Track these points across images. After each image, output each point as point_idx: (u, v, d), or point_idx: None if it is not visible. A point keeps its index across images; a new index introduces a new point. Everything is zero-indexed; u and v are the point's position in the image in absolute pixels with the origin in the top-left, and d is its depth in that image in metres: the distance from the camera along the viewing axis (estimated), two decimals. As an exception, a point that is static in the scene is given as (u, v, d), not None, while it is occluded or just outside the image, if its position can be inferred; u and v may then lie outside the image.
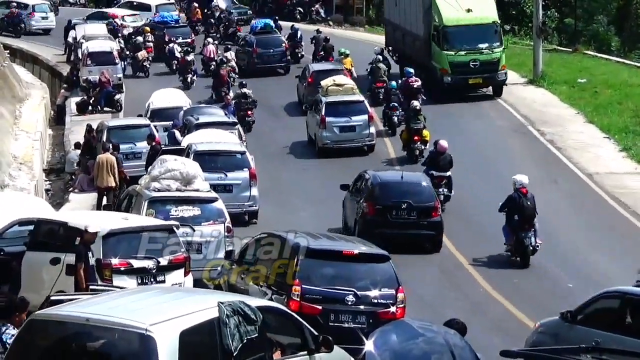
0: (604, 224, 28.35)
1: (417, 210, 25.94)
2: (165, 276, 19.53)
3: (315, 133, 36.17)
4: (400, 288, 18.30)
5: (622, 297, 16.87)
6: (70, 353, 11.86)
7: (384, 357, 12.78)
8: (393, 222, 25.84)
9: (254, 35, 51.03)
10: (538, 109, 41.50)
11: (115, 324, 11.70)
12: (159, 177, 23.67)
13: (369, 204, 25.90)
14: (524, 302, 22.28)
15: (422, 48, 43.87)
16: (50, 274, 19.21)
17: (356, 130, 35.64)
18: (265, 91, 43.78)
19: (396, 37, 48.64)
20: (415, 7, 45.31)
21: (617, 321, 16.46)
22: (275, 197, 30.44)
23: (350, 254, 18.34)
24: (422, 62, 43.05)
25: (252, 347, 12.44)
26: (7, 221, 20.59)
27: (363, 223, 25.80)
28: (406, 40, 46.70)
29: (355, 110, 35.95)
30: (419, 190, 26.52)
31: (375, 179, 26.66)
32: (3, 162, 33.88)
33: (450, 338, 13.40)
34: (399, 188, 26.61)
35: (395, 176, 27.74)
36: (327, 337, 13.72)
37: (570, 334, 16.86)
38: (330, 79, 38.09)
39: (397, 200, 26.05)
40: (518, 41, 63.99)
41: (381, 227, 25.31)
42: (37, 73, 54.83)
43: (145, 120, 35.49)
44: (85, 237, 18.52)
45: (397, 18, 48.32)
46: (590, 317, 16.88)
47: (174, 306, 12.42)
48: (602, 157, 35.45)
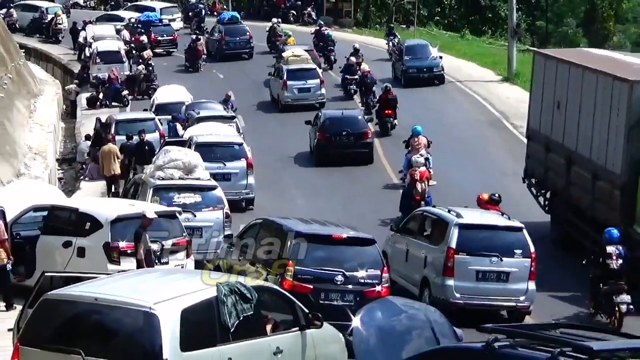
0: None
1: (354, 136, 33.15)
2: (168, 258, 19.52)
3: (278, 94, 41.41)
4: (385, 269, 18.34)
5: (421, 214, 21.50)
6: (80, 329, 11.85)
7: (370, 332, 12.81)
8: (337, 144, 33.05)
9: (222, 25, 53.53)
10: (512, 104, 41.50)
11: (121, 302, 11.70)
12: (163, 166, 23.70)
13: (321, 133, 33.29)
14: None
15: (616, 198, 22.33)
16: (62, 256, 19.22)
17: (311, 91, 40.88)
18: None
19: (552, 165, 25.85)
20: (607, 119, 23.00)
21: (419, 230, 20.97)
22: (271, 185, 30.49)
23: (339, 238, 18.35)
24: (611, 221, 21.67)
25: (248, 323, 12.46)
26: (22, 207, 20.55)
27: (317, 146, 33.37)
28: (577, 176, 24.26)
29: (310, 76, 41.07)
30: (354, 122, 33.71)
31: (325, 116, 34.05)
32: (19, 153, 33.85)
33: (430, 315, 13.45)
34: (341, 121, 33.60)
35: (338, 113, 34.89)
36: (317, 314, 13.72)
37: (396, 239, 21.55)
38: (290, 51, 43.75)
39: (339, 129, 33.14)
40: (494, 42, 64.08)
41: (329, 149, 33.04)
42: (50, 70, 54.70)
43: (150, 114, 35.50)
44: (144, 222, 18.69)
45: (559, 132, 25.50)
46: (405, 229, 21.50)
47: (175, 286, 12.43)
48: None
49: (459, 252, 19.52)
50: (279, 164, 33.28)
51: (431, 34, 63.59)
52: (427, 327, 13.06)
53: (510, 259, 19.68)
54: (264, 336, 12.86)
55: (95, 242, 19.09)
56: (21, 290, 18.83)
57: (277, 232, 18.67)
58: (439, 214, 20.65)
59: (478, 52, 56.08)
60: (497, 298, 19.70)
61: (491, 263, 19.63)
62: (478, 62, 50.87)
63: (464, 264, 19.54)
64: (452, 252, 19.48)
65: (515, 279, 19.65)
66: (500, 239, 20.02)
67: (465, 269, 19.55)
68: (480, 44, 62.67)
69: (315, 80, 40.93)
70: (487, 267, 19.64)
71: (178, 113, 34.92)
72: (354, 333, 12.80)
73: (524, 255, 19.73)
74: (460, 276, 19.51)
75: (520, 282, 19.66)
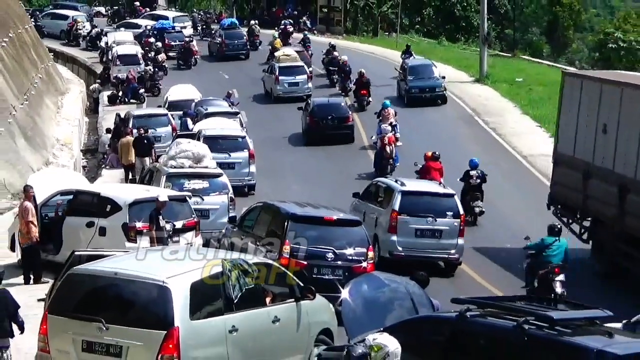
0: (535, 195, 28.27)
1: (338, 119, 34.62)
2: (179, 237, 19.49)
3: (271, 87, 42.45)
4: (370, 247, 18.33)
5: (375, 184, 22.96)
6: (101, 300, 11.82)
7: (357, 303, 12.79)
8: (323, 126, 34.42)
9: (223, 30, 54.87)
10: (483, 102, 41.45)
11: (138, 277, 11.68)
12: (175, 156, 23.67)
13: (310, 117, 34.75)
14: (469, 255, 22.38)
15: None
16: (86, 234, 19.18)
17: (299, 85, 41.84)
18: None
19: (595, 193, 21.62)
20: None
21: (373, 196, 22.39)
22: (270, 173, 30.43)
23: (330, 219, 18.34)
24: None
25: (250, 295, 12.43)
26: (50, 192, 20.50)
27: (307, 128, 34.96)
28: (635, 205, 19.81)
29: (298, 72, 42.33)
30: (339, 108, 35.30)
31: (314, 103, 35.47)
32: (48, 144, 33.77)
33: (410, 288, 13.46)
34: (327, 106, 35.22)
35: (325, 100, 36.26)
36: (310, 287, 13.71)
37: (357, 205, 22.66)
38: (281, 51, 45.28)
39: (325, 114, 34.60)
40: (467, 47, 63.99)
41: (317, 131, 34.40)
42: (76, 71, 54.53)
43: (163, 110, 35.38)
44: (157, 205, 18.72)
45: (606, 158, 21.08)
46: (363, 196, 22.83)
47: (185, 263, 12.39)
48: (534, 142, 35.42)
49: (401, 213, 21.09)
50: (277, 154, 33.17)
51: (412, 41, 63.55)
52: (407, 299, 13.06)
53: (443, 219, 21.22)
54: (263, 307, 12.84)
55: (115, 222, 19.06)
56: (50, 265, 18.84)
57: (276, 215, 18.65)
58: (387, 183, 22.37)
59: (453, 56, 55.99)
60: (432, 251, 21.18)
61: (427, 223, 21.20)
62: (453, 65, 50.76)
63: (405, 224, 21.08)
64: (395, 214, 21.06)
65: (447, 235, 21.16)
66: (435, 204, 21.55)
67: (406, 228, 21.05)
68: (455, 49, 62.60)
69: (303, 76, 42.08)
70: (424, 226, 21.20)
71: (188, 109, 34.78)
72: (342, 304, 12.78)
73: (454, 216, 21.26)
74: (402, 233, 21.02)
75: (451, 238, 21.17)
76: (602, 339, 10.33)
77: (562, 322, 10.42)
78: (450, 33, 70.42)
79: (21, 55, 39.59)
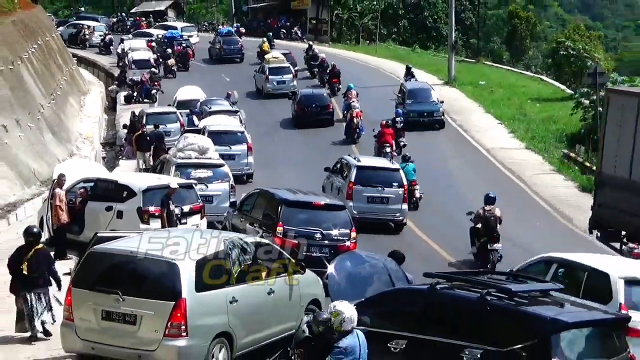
0: (496, 183, 28.37)
1: (320, 107, 35.91)
2: (187, 219, 19.42)
3: (262, 85, 43.02)
4: (353, 228, 18.31)
5: (340, 160, 23.88)
6: (118, 275, 11.78)
7: (341, 277, 12.80)
8: (309, 113, 35.70)
9: (221, 37, 55.69)
10: (451, 102, 41.35)
11: (150, 255, 11.66)
12: (183, 149, 23.61)
13: (298, 105, 36.14)
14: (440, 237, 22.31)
15: None
16: (105, 217, 19.07)
17: (286, 83, 42.43)
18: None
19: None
20: None
21: (338, 170, 23.38)
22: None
23: (318, 204, 18.33)
24: None
25: (248, 270, 12.42)
26: (74, 179, 20.40)
27: (295, 115, 36.27)
28: None
29: (285, 72, 42.84)
30: (321, 98, 36.60)
31: (301, 93, 37.02)
32: (72, 138, 33.67)
33: (387, 264, 13.47)
34: (312, 96, 36.51)
35: (309, 91, 37.38)
36: (301, 263, 13.71)
37: (328, 177, 24.04)
38: (270, 54, 45.74)
39: (310, 103, 35.93)
40: (437, 54, 63.95)
41: (304, 118, 35.59)
42: (96, 74, 54.29)
43: (173, 108, 35.22)
44: (169, 191, 18.58)
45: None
46: (332, 170, 23.94)
47: (192, 242, 12.33)
48: (496, 137, 35.47)
49: (357, 184, 22.50)
50: (271, 148, 33.07)
51: (389, 49, 63.63)
52: (385, 273, 13.07)
53: (390, 189, 22.60)
54: (260, 280, 12.80)
55: (131, 206, 18.94)
56: (75, 244, 18.75)
57: (271, 200, 18.62)
58: (348, 160, 23.53)
59: (425, 62, 55.97)
60: (382, 214, 22.52)
61: (377, 191, 22.58)
62: (425, 70, 50.72)
63: (359, 192, 22.52)
64: (351, 184, 22.52)
65: (393, 201, 22.54)
66: (384, 176, 22.88)
67: (360, 195, 22.49)
68: (427, 56, 62.59)
69: (289, 75, 42.77)
70: (374, 194, 22.59)
71: (194, 107, 34.68)
72: (329, 278, 12.77)
73: (399, 186, 22.61)
74: (357, 200, 22.39)
75: (396, 204, 22.50)
76: (555, 308, 10.37)
77: (520, 294, 10.44)
78: (423, 42, 70.55)
79: (48, 60, 39.41)
